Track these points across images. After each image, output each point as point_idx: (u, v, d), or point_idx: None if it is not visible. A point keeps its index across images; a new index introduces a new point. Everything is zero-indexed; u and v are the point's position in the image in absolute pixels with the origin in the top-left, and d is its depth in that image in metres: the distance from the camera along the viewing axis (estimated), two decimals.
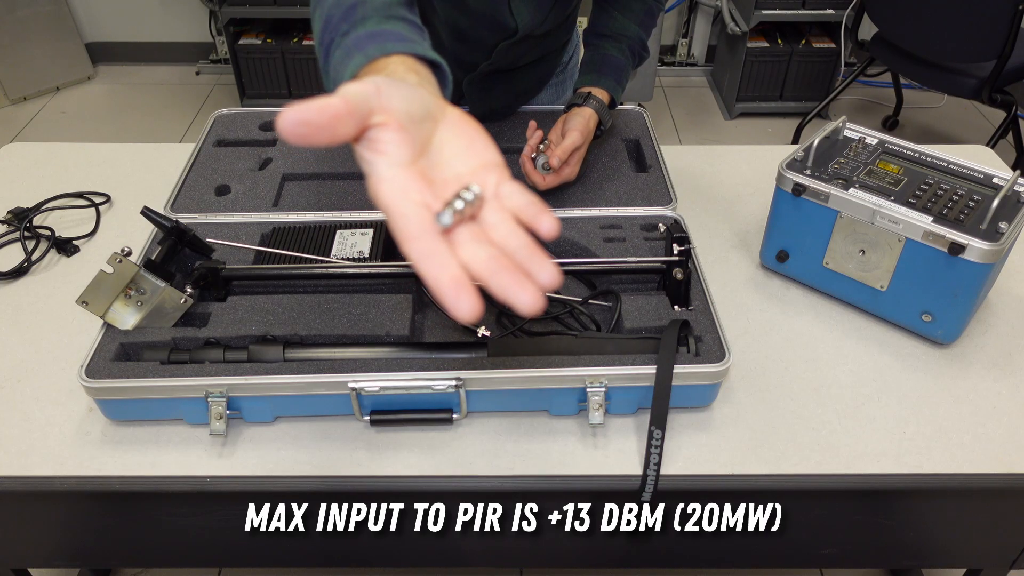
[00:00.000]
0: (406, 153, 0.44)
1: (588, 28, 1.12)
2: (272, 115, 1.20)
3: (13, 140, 2.80)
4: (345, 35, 0.62)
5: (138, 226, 1.08)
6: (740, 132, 2.98)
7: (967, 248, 0.82)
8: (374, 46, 0.57)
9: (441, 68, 0.58)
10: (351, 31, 0.62)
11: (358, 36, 0.60)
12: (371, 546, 0.89)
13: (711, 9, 3.15)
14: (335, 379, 0.78)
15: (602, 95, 1.05)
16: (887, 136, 0.99)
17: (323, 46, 0.65)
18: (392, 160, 0.44)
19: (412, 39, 0.59)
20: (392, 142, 0.44)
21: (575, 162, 1.02)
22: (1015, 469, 0.79)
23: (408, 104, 0.45)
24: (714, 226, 1.10)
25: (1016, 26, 2.02)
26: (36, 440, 0.81)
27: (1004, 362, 0.90)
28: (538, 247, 0.43)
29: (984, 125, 3.01)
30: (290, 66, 2.89)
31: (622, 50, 1.09)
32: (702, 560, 0.93)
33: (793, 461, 0.79)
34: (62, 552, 0.92)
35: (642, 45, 1.11)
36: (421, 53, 0.56)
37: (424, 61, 0.56)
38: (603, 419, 0.80)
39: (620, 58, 1.08)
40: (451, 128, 0.47)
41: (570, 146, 0.99)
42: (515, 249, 0.43)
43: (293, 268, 0.91)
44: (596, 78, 1.07)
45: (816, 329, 0.94)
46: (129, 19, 3.22)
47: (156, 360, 0.81)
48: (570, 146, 0.99)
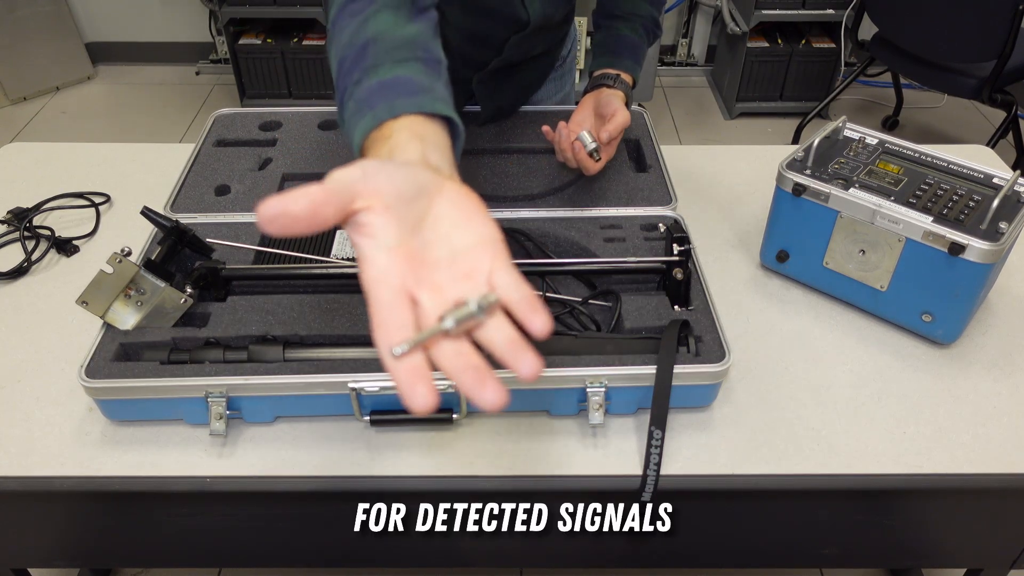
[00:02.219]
0: (393, 233, 0.44)
1: (598, 10, 1.11)
2: (272, 115, 1.20)
3: (13, 140, 2.80)
4: (357, 84, 0.61)
5: (138, 226, 1.07)
6: (740, 132, 2.98)
7: (967, 248, 0.82)
8: (383, 105, 0.56)
9: (454, 122, 0.57)
10: (363, 79, 0.60)
11: (370, 87, 0.59)
12: (371, 546, 0.89)
13: (711, 9, 3.15)
14: (335, 379, 0.78)
15: (626, 77, 1.06)
16: (887, 136, 0.99)
17: (339, 92, 0.64)
18: (379, 243, 0.44)
19: (423, 88, 0.59)
20: (378, 225, 0.44)
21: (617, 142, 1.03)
22: (1015, 469, 0.79)
23: (397, 185, 0.45)
24: (714, 226, 1.10)
25: (1016, 26, 2.02)
26: (36, 440, 0.81)
27: (1004, 362, 0.90)
28: (523, 341, 0.42)
29: (984, 125, 3.01)
30: (290, 66, 2.89)
31: (635, 29, 1.09)
32: (702, 560, 0.93)
33: (793, 461, 0.79)
34: (62, 552, 0.92)
35: (654, 23, 1.11)
36: (430, 110, 0.56)
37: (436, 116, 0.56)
38: (603, 419, 0.80)
39: (634, 38, 1.08)
40: (449, 203, 0.47)
41: (623, 123, 0.98)
42: (498, 344, 0.42)
43: (293, 268, 0.91)
44: (612, 59, 1.07)
45: (816, 329, 0.94)
46: (129, 19, 3.22)
47: (156, 360, 0.81)
48: (623, 123, 0.98)
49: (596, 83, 1.06)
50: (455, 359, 0.41)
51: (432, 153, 0.52)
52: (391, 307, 0.42)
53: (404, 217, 0.45)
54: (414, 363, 0.40)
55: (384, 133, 0.55)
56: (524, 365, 0.41)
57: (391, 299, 0.42)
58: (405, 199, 0.45)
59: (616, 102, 1.01)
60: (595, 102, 1.03)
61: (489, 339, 0.42)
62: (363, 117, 0.57)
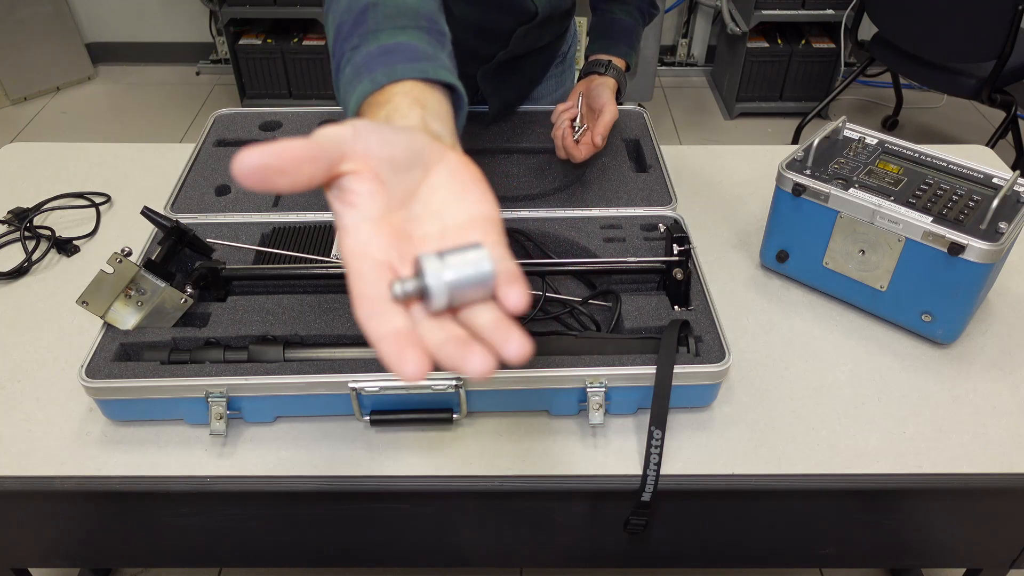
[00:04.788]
0: (378, 206, 0.40)
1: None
2: (272, 115, 1.20)
3: (13, 140, 2.80)
4: (356, 49, 0.56)
5: (138, 226, 1.07)
6: (740, 132, 2.98)
7: (967, 248, 0.82)
8: (382, 70, 0.52)
9: (457, 91, 0.54)
10: (362, 44, 0.56)
11: (369, 52, 0.55)
12: (371, 546, 0.89)
13: (711, 9, 3.15)
14: (335, 379, 0.78)
15: (619, 63, 1.07)
16: (887, 136, 0.99)
17: (335, 59, 0.60)
18: (361, 213, 0.40)
19: (426, 55, 0.54)
20: (364, 193, 0.40)
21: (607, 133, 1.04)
22: (1015, 469, 0.79)
23: (390, 149, 0.41)
24: (714, 226, 1.10)
25: (1016, 26, 2.02)
26: (36, 440, 0.81)
27: (1004, 362, 0.90)
28: (509, 321, 0.38)
29: (984, 125, 3.01)
30: (290, 66, 2.89)
31: (630, 12, 1.10)
32: (701, 560, 0.93)
33: (793, 461, 0.79)
34: (62, 552, 0.92)
35: (650, 3, 1.12)
36: (433, 76, 0.52)
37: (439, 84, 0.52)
38: (603, 419, 0.80)
39: (629, 21, 1.09)
40: (446, 174, 0.43)
41: (611, 121, 1.01)
42: (482, 325, 0.38)
43: (293, 268, 0.91)
44: (608, 44, 1.08)
45: (816, 329, 0.94)
46: (129, 19, 3.22)
47: (156, 360, 0.81)
48: (611, 121, 1.01)
49: (588, 69, 1.08)
50: (434, 331, 0.38)
51: (433, 121, 0.48)
52: (372, 280, 0.38)
53: (394, 187, 0.41)
54: (397, 327, 0.37)
55: (382, 98, 0.51)
56: (510, 346, 0.37)
57: (372, 272, 0.39)
58: (399, 166, 0.41)
59: (606, 94, 1.03)
60: (586, 89, 1.05)
61: (473, 320, 0.38)
62: (361, 82, 0.53)
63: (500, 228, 0.42)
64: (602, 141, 1.01)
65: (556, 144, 1.05)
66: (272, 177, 0.37)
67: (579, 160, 1.03)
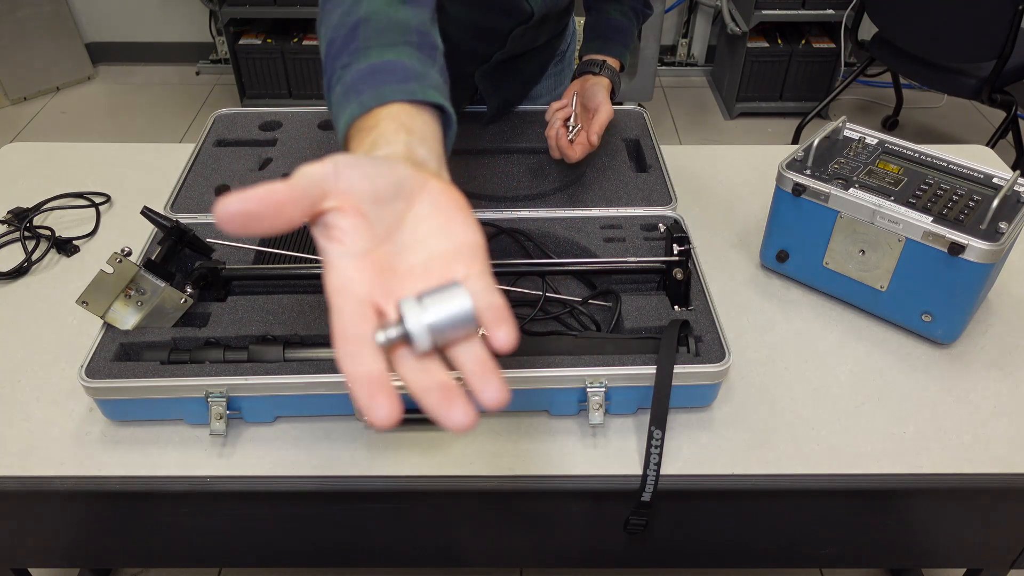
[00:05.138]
0: (362, 240, 0.40)
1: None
2: (272, 115, 1.20)
3: (13, 140, 2.80)
4: (346, 68, 0.57)
5: (138, 226, 1.07)
6: (740, 132, 2.98)
7: (967, 248, 0.82)
8: (369, 92, 0.53)
9: (445, 111, 0.54)
10: (352, 63, 0.57)
11: (359, 71, 0.55)
12: (371, 546, 0.89)
13: (711, 9, 3.15)
14: (335, 379, 0.78)
15: (613, 63, 1.08)
16: (887, 136, 0.99)
17: (326, 75, 0.61)
18: (345, 248, 0.40)
19: (415, 74, 0.55)
20: (348, 228, 0.40)
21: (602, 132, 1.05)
22: (1015, 469, 0.79)
23: (371, 183, 0.41)
24: (714, 226, 1.10)
25: (1016, 26, 2.02)
26: (36, 440, 0.81)
27: (1004, 362, 0.90)
28: (492, 362, 0.39)
29: (984, 125, 3.01)
30: (290, 66, 2.89)
31: (624, 12, 1.10)
32: (702, 560, 0.93)
33: (793, 461, 0.79)
34: (62, 552, 0.92)
35: (644, 2, 1.13)
36: (421, 97, 0.52)
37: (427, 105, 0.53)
38: (603, 419, 0.80)
39: (623, 20, 1.10)
40: (430, 203, 0.43)
41: (606, 120, 1.02)
42: (465, 364, 0.39)
43: (293, 268, 0.91)
44: (602, 44, 1.09)
45: (816, 329, 0.94)
46: (129, 19, 3.22)
47: (156, 360, 0.81)
48: (606, 120, 1.02)
49: (583, 69, 1.09)
50: (420, 376, 0.39)
51: (419, 146, 0.49)
52: (353, 319, 0.39)
53: (377, 220, 0.41)
54: (370, 370, 0.37)
55: (370, 122, 0.51)
56: (487, 392, 0.38)
57: (353, 311, 0.39)
58: (381, 199, 0.41)
59: (600, 94, 1.03)
60: (580, 89, 1.06)
61: (457, 359, 0.39)
62: (349, 104, 0.53)
63: (485, 256, 0.42)
64: (597, 140, 1.01)
65: (550, 144, 1.05)
66: (254, 223, 0.37)
67: (573, 160, 1.03)
